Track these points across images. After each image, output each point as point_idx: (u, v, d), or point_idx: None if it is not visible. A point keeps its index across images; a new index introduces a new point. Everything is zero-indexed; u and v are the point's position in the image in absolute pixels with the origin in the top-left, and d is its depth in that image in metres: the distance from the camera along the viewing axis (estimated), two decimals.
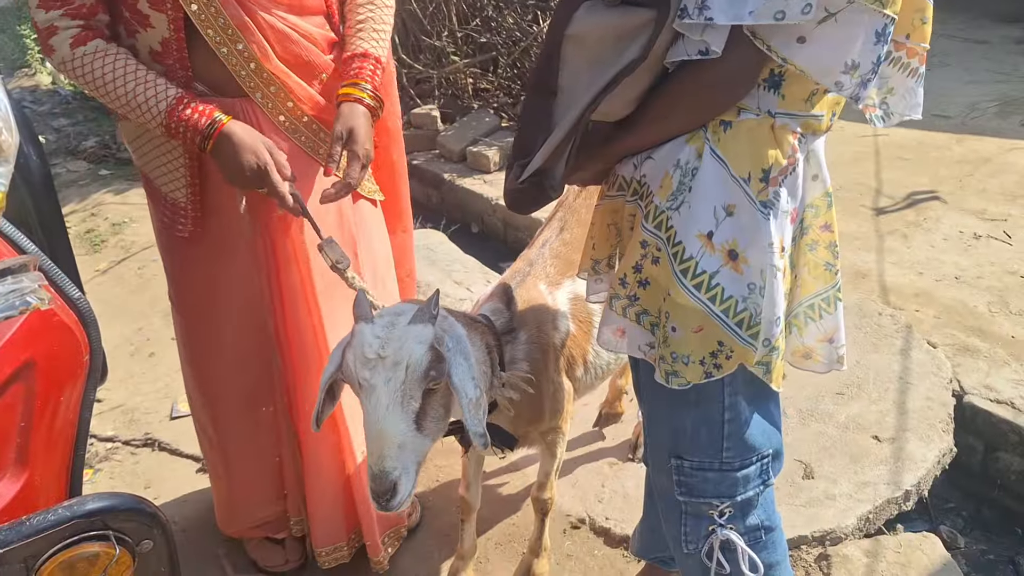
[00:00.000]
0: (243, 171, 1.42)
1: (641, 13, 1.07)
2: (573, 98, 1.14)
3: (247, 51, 1.43)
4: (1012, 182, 3.70)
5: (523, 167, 1.18)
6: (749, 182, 1.14)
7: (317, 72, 1.53)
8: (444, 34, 4.65)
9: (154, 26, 1.42)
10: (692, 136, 1.16)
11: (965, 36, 5.76)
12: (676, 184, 1.17)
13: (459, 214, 4.26)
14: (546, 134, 1.15)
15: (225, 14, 1.39)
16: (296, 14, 1.48)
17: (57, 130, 4.88)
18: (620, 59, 1.09)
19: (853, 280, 3.04)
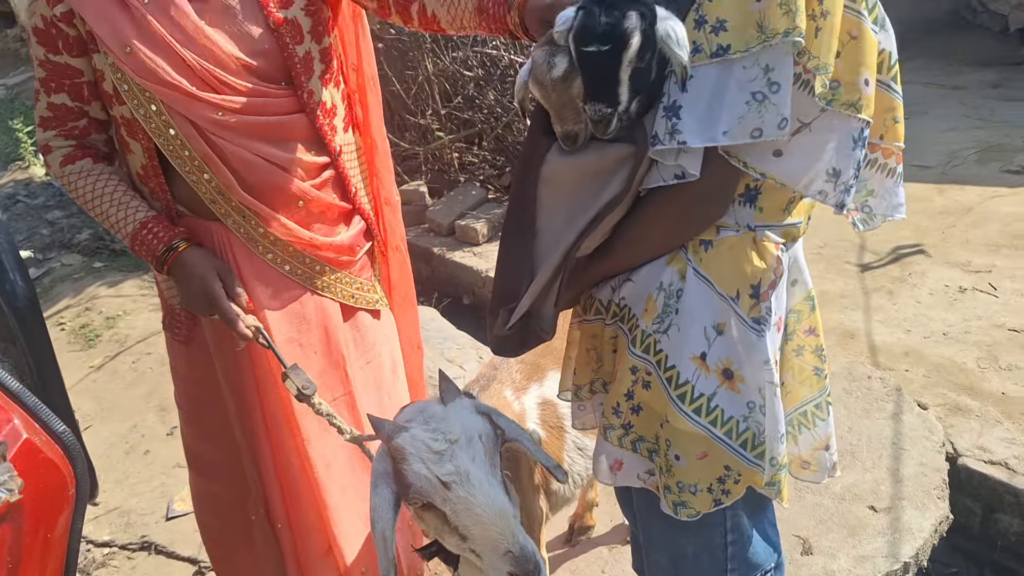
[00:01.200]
0: (193, 297, 1.49)
1: (618, 149, 1.06)
2: (555, 237, 1.13)
3: (214, 180, 1.46)
4: (995, 231, 3.74)
5: (510, 312, 1.16)
6: (738, 300, 1.12)
7: (292, 199, 1.53)
8: (428, 112, 4.74)
9: (133, 152, 1.50)
10: (672, 257, 1.15)
11: (941, 83, 5.86)
12: (661, 307, 1.15)
13: (450, 287, 4.29)
14: (530, 276, 1.14)
15: (190, 147, 1.43)
16: (270, 142, 1.49)
17: (51, 223, 4.94)
18: (600, 196, 1.08)
19: (841, 341, 3.06)
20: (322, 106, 1.54)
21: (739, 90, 0.99)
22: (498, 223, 4.39)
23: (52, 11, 1.39)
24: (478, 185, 4.73)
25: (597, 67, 0.99)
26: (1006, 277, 3.35)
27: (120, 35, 1.36)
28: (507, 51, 4.33)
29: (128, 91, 1.40)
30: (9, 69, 9.06)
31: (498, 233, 4.44)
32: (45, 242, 4.68)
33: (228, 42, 1.41)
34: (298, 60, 1.48)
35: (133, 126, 1.45)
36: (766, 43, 0.97)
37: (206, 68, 1.39)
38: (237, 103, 1.42)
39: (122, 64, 1.37)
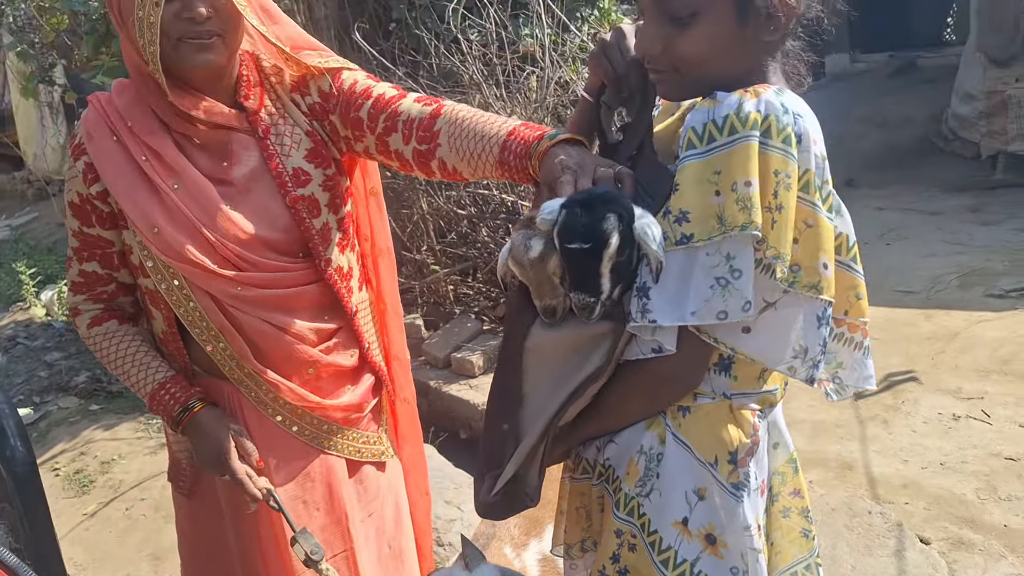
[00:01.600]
0: (206, 457, 1.53)
1: (598, 325, 1.13)
2: (540, 405, 1.18)
3: (228, 349, 1.53)
4: (984, 357, 3.79)
5: (495, 478, 1.19)
6: (717, 466, 1.16)
7: (303, 366, 1.59)
8: (423, 248, 4.87)
9: (155, 318, 1.59)
10: (652, 422, 1.19)
11: (919, 208, 6.05)
12: (643, 470, 1.19)
13: (447, 421, 4.29)
14: (515, 442, 1.18)
15: (208, 318, 1.51)
16: (285, 311, 1.55)
17: (50, 365, 4.97)
18: (583, 368, 1.15)
19: (840, 473, 3.05)
20: (339, 270, 1.61)
21: (704, 275, 1.07)
22: (494, 355, 4.43)
23: (88, 190, 1.50)
24: (473, 317, 4.81)
25: (580, 262, 1.07)
26: (998, 404, 3.38)
27: (149, 217, 1.45)
28: (498, 191, 4.50)
29: (153, 266, 1.49)
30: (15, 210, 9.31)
31: (494, 365, 4.49)
32: (43, 384, 4.70)
33: (249, 222, 1.50)
34: (316, 232, 1.56)
35: (155, 297, 1.54)
36: (726, 234, 1.05)
37: (228, 247, 1.47)
38: (256, 278, 1.51)
39: (149, 243, 1.46)
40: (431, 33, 4.43)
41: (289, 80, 1.57)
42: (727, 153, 1.05)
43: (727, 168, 1.05)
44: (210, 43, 1.41)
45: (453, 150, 1.43)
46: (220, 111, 1.49)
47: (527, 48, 4.47)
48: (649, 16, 1.12)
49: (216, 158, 1.51)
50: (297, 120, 1.56)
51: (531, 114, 4.30)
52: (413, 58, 4.51)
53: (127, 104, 1.49)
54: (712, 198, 1.05)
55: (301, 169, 1.55)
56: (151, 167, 1.46)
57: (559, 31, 4.54)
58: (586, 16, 5.10)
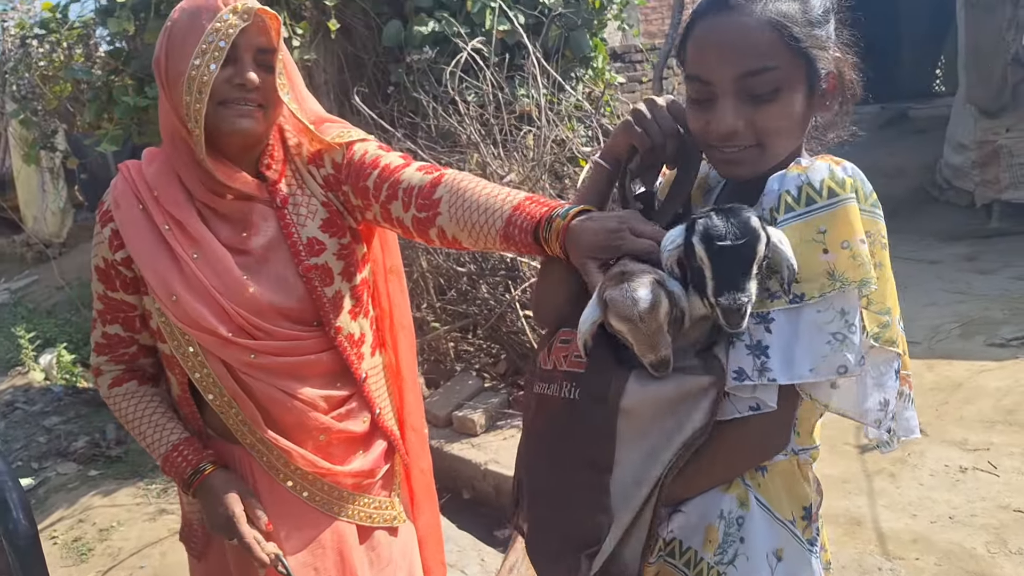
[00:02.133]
0: (216, 520, 1.53)
1: (697, 380, 1.10)
2: (633, 473, 1.11)
3: (241, 415, 1.55)
4: (988, 407, 3.77)
5: (591, 557, 1.10)
6: (795, 523, 1.17)
7: (314, 433, 1.60)
8: (423, 306, 4.88)
9: (171, 382, 1.63)
10: (730, 485, 1.17)
11: (918, 258, 6.09)
12: (722, 536, 1.15)
13: (449, 481, 4.24)
14: (607, 514, 1.11)
15: (221, 384, 1.53)
16: (298, 379, 1.57)
17: (48, 430, 4.93)
18: (684, 427, 1.10)
19: (849, 529, 3.01)
20: (349, 337, 1.62)
21: (817, 332, 1.07)
22: (495, 412, 4.41)
23: (114, 255, 1.54)
24: (474, 374, 4.79)
25: (732, 260, 1.04)
26: (1004, 455, 3.36)
27: (168, 285, 1.49)
28: None
29: (169, 332, 1.53)
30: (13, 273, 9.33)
31: (495, 424, 4.47)
32: (42, 450, 4.66)
33: (264, 291, 1.53)
34: (327, 301, 1.58)
35: (171, 362, 1.58)
36: (842, 289, 1.06)
37: (243, 316, 1.50)
38: (270, 346, 1.53)
39: (167, 309, 1.50)
40: (429, 95, 4.51)
41: (306, 152, 1.62)
42: (831, 213, 1.08)
43: (833, 227, 1.07)
44: (252, 111, 1.47)
45: (453, 220, 1.45)
46: (244, 179, 1.53)
47: (523, 108, 4.55)
48: (727, 96, 1.13)
49: (236, 228, 1.54)
50: (313, 191, 1.60)
51: (529, 171, 4.35)
52: (412, 120, 4.58)
53: (155, 174, 1.54)
54: (821, 255, 1.07)
55: (316, 239, 1.58)
56: (173, 236, 1.50)
57: (554, 91, 4.62)
58: (580, 76, 5.20)
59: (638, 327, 1.07)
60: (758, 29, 1.10)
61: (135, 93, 4.14)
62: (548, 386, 1.22)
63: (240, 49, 1.44)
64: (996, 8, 6.64)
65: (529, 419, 1.29)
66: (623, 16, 5.40)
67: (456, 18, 4.59)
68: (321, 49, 4.49)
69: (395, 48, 4.69)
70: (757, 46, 1.10)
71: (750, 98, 1.12)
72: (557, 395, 1.19)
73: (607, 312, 1.10)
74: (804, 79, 1.13)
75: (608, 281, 1.13)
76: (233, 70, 1.44)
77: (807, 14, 1.12)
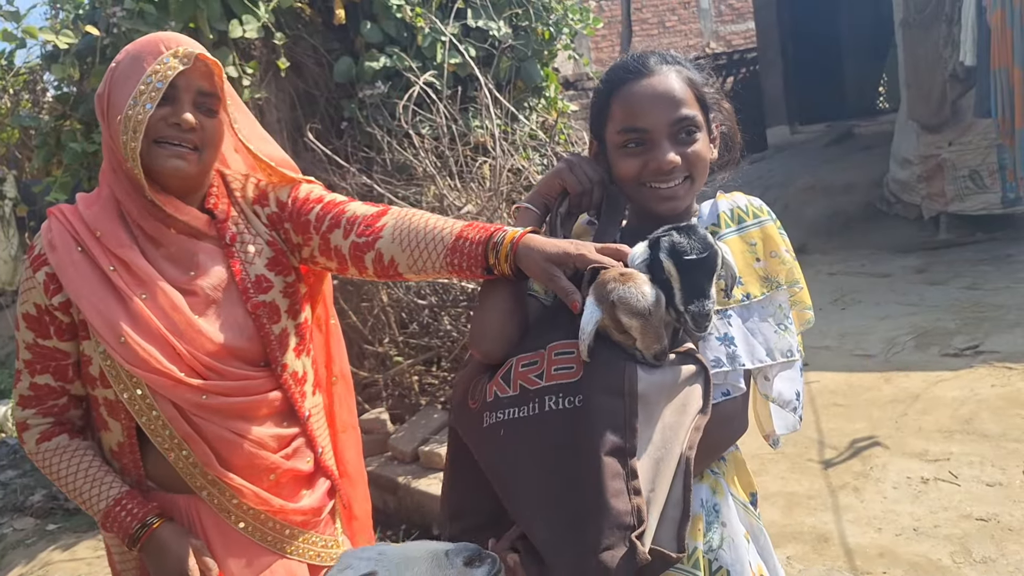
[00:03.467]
0: (166, 575, 1.49)
1: (687, 367, 1.24)
2: (655, 452, 1.18)
3: (191, 457, 1.51)
4: (946, 417, 3.84)
5: (639, 538, 1.11)
6: (748, 506, 1.37)
7: (265, 472, 1.58)
8: (386, 340, 4.85)
9: (111, 430, 1.56)
10: (703, 476, 1.32)
11: (869, 271, 6.22)
12: (706, 524, 1.29)
13: (418, 517, 4.19)
14: (641, 496, 1.14)
15: (171, 427, 1.50)
16: (247, 419, 1.56)
17: (4, 484, 4.79)
18: (686, 413, 1.22)
19: (816, 546, 3.04)
20: (294, 375, 1.63)
21: (765, 323, 1.31)
22: None
23: (50, 300, 1.50)
24: (440, 408, 4.76)
25: (698, 272, 1.19)
26: (964, 464, 3.42)
27: (115, 327, 1.46)
28: (459, 279, 4.52)
29: (115, 376, 1.49)
30: None
31: None
32: None
33: (215, 331, 1.52)
34: (274, 339, 1.59)
35: (115, 407, 1.52)
36: (777, 288, 1.32)
37: (196, 356, 1.49)
38: (221, 386, 1.51)
39: (114, 352, 1.46)
40: (383, 129, 4.52)
41: (251, 194, 1.64)
42: (760, 230, 1.35)
43: (761, 240, 1.34)
44: (185, 152, 1.48)
45: (396, 242, 1.49)
46: (193, 213, 1.54)
47: (478, 139, 4.57)
48: (663, 138, 1.36)
49: (183, 268, 1.53)
50: (259, 230, 1.62)
51: (486, 202, 4.36)
52: (367, 155, 4.58)
53: (95, 215, 1.52)
54: (755, 263, 1.33)
55: (264, 276, 1.59)
56: (119, 276, 1.47)
57: (508, 121, 4.66)
58: (534, 105, 5.25)
59: (648, 320, 1.19)
60: (679, 85, 1.37)
61: (83, 138, 4.07)
62: (519, 409, 1.24)
63: (179, 90, 1.46)
64: (931, 27, 6.86)
65: (494, 450, 1.27)
66: (572, 46, 5.47)
67: (407, 52, 4.61)
68: (272, 87, 4.47)
69: (347, 84, 4.70)
70: (682, 98, 1.37)
71: (679, 139, 1.37)
72: (539, 411, 1.22)
73: (616, 310, 1.19)
74: (706, 126, 1.41)
75: (602, 286, 1.22)
76: (171, 109, 1.45)
77: (703, 77, 1.43)
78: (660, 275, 1.20)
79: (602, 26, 5.78)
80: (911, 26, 7.19)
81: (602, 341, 1.22)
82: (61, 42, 3.82)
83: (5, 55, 4.64)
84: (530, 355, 1.28)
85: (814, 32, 11.31)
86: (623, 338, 1.22)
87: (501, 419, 1.26)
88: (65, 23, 4.05)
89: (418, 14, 4.54)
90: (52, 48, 4.08)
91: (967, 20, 6.06)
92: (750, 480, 1.40)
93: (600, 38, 10.96)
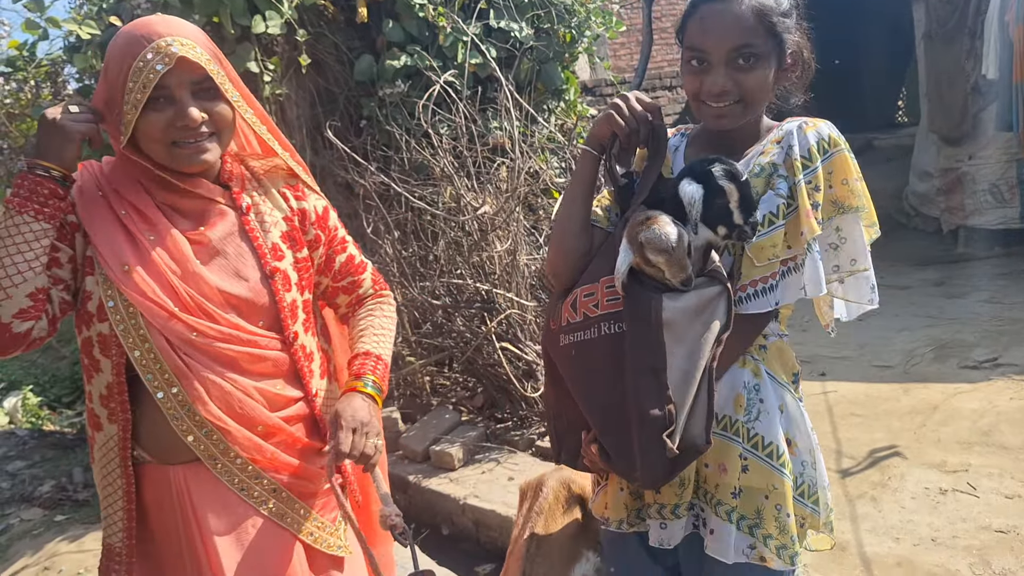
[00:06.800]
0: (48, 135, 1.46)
1: (710, 290, 1.44)
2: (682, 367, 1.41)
3: (181, 394, 1.51)
4: (965, 429, 3.79)
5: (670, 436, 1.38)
6: (789, 385, 1.57)
7: (252, 423, 1.57)
8: (398, 340, 4.83)
9: (102, 370, 1.55)
10: (744, 361, 1.54)
11: (887, 283, 6.15)
12: (747, 401, 1.52)
13: (427, 516, 4.17)
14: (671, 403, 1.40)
15: (163, 360, 1.51)
16: (238, 372, 1.56)
17: (12, 475, 4.79)
18: (710, 329, 1.42)
19: (834, 555, 2.99)
20: (302, 348, 1.66)
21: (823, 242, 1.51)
22: (473, 446, 4.36)
23: (66, 217, 1.52)
24: (451, 408, 4.74)
25: (748, 189, 1.44)
26: (983, 476, 3.37)
27: (121, 256, 1.51)
28: (472, 280, 4.51)
29: (113, 306, 1.50)
30: None
31: (473, 458, 4.41)
32: (4, 496, 4.51)
33: (216, 278, 1.56)
34: (286, 305, 1.63)
35: (108, 342, 1.53)
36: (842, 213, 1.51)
37: (191, 296, 1.52)
38: (212, 330, 1.53)
39: (116, 279, 1.49)
40: (402, 128, 4.52)
41: (283, 179, 1.73)
42: (839, 158, 1.50)
43: (837, 169, 1.49)
44: (205, 145, 1.53)
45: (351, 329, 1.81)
46: (206, 185, 1.61)
47: (496, 140, 4.56)
48: (720, 64, 1.49)
49: (194, 222, 1.59)
50: (277, 205, 1.69)
51: (503, 203, 4.35)
52: (385, 153, 4.58)
53: (113, 173, 1.59)
54: (827, 190, 1.49)
55: (277, 245, 1.65)
56: (130, 219, 1.53)
57: (527, 123, 4.65)
58: (553, 108, 5.24)
59: (672, 255, 1.40)
60: (745, 15, 1.47)
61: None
62: (584, 332, 1.51)
63: (172, 89, 1.48)
64: (954, 40, 6.82)
65: (569, 366, 1.55)
66: (593, 49, 5.46)
67: (428, 52, 4.61)
68: (293, 84, 4.48)
69: (367, 82, 4.70)
70: (744, 28, 1.47)
71: (736, 65, 1.49)
72: (598, 335, 1.49)
73: (643, 250, 1.41)
74: (774, 55, 1.52)
75: (633, 228, 1.44)
76: (173, 111, 1.48)
77: (779, 6, 1.51)
78: (717, 200, 1.42)
79: (623, 30, 5.77)
80: (933, 39, 7.15)
81: (635, 276, 1.45)
82: (84, 32, 3.83)
83: (27, 47, 4.66)
84: (589, 287, 1.54)
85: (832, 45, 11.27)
86: (653, 271, 1.43)
87: (572, 341, 1.53)
88: (89, 14, 4.07)
89: (440, 13, 4.54)
90: (75, 39, 4.10)
91: (990, 33, 6.01)
92: (793, 363, 1.59)
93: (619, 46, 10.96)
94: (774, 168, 1.51)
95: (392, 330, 1.81)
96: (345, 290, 1.81)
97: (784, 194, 1.49)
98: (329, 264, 1.77)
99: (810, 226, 1.45)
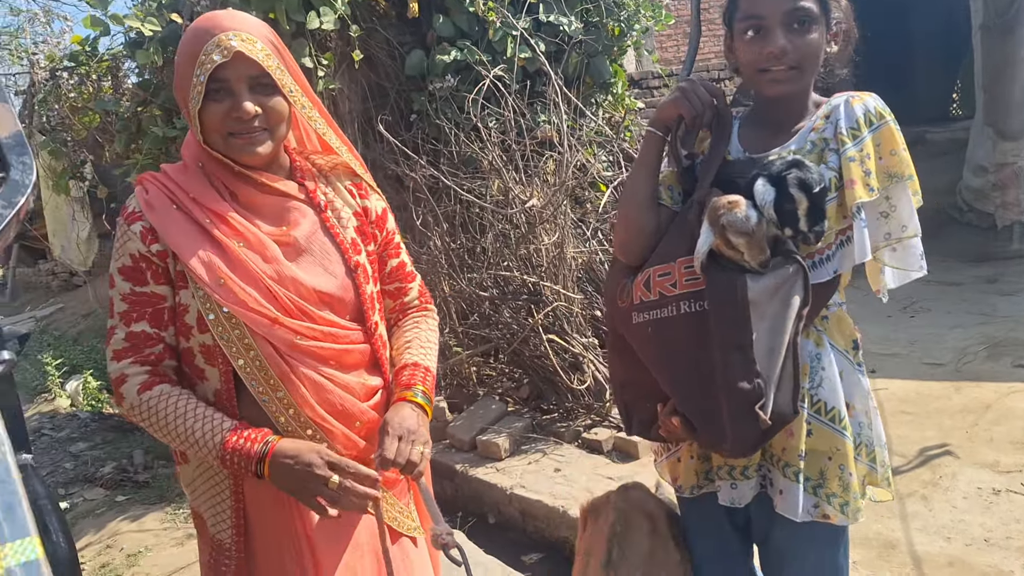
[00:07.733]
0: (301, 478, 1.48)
1: (786, 269, 1.51)
2: (767, 342, 1.49)
3: (287, 398, 1.56)
4: (1018, 428, 3.73)
5: (762, 408, 1.46)
6: (849, 353, 1.64)
7: (353, 419, 1.64)
8: (446, 331, 4.89)
9: (208, 378, 1.59)
10: (808, 333, 1.61)
11: (938, 280, 6.05)
12: (811, 369, 1.60)
13: (474, 505, 4.23)
14: (760, 377, 1.48)
15: (268, 366, 1.55)
16: (336, 367, 1.62)
17: (75, 456, 4.96)
18: (789, 304, 1.50)
19: (883, 553, 2.98)
20: (380, 337, 1.73)
21: (874, 210, 1.57)
22: (520, 437, 4.40)
23: (148, 248, 1.54)
24: (497, 399, 4.79)
25: (819, 200, 1.48)
26: None
27: (214, 270, 1.52)
28: (520, 272, 4.54)
29: (214, 319, 1.53)
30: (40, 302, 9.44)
31: (520, 448, 4.45)
32: (68, 476, 4.68)
33: (308, 277, 1.60)
34: (367, 297, 1.69)
35: (212, 352, 1.56)
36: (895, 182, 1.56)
37: (290, 298, 1.56)
38: (314, 330, 1.58)
39: (214, 293, 1.51)
40: (451, 122, 4.56)
41: (346, 177, 1.77)
42: (886, 129, 1.56)
43: (885, 140, 1.55)
44: (258, 138, 1.56)
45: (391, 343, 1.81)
46: (285, 182, 1.65)
47: (544, 134, 4.59)
48: (777, 26, 1.55)
49: (276, 222, 1.62)
50: (348, 202, 1.74)
51: (551, 196, 4.38)
52: (434, 147, 4.63)
53: (188, 180, 1.59)
54: (878, 161, 1.55)
55: (355, 240, 1.70)
56: (215, 228, 1.54)
57: (575, 117, 4.66)
58: (601, 102, 5.25)
59: (752, 237, 1.48)
60: None
61: (163, 124, 4.21)
62: (661, 310, 1.57)
63: (231, 82, 1.52)
64: (1012, 31, 6.66)
65: (647, 342, 1.61)
66: (641, 43, 5.45)
67: (478, 46, 4.65)
68: (345, 79, 4.56)
69: (418, 77, 4.76)
70: None
71: (793, 28, 1.55)
72: (677, 313, 1.55)
73: (725, 232, 1.48)
74: (824, 20, 1.59)
75: (713, 212, 1.51)
76: (230, 103, 1.52)
77: None
78: (786, 204, 1.47)
79: (672, 23, 5.74)
80: (990, 30, 6.99)
81: (713, 257, 1.51)
82: (147, 29, 3.94)
83: (89, 42, 4.80)
84: (664, 267, 1.59)
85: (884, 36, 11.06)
86: (732, 253, 1.50)
87: (647, 319, 1.59)
88: (149, 11, 4.18)
89: (490, 8, 4.57)
90: (136, 35, 4.22)
91: None
92: (851, 331, 1.66)
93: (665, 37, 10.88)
94: (825, 143, 1.58)
95: (436, 344, 1.82)
96: (391, 295, 1.82)
97: (836, 167, 1.56)
98: (381, 266, 1.78)
99: (854, 193, 1.51)
